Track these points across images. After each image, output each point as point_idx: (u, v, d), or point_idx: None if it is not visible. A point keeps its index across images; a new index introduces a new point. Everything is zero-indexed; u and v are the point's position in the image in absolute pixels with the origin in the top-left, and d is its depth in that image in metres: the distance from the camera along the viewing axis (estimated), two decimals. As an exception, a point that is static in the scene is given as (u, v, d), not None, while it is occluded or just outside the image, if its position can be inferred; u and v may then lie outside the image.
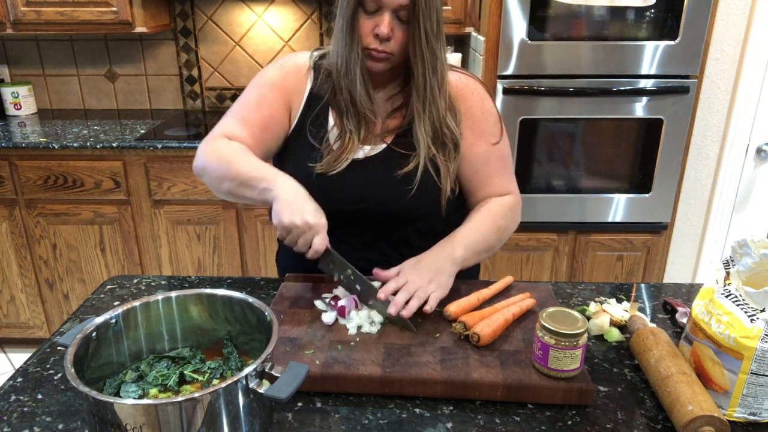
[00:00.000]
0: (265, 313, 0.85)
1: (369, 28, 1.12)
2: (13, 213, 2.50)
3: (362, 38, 1.13)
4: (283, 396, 0.72)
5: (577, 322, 0.91)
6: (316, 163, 1.21)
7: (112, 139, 2.45)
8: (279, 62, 1.28)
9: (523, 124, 2.29)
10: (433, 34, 1.13)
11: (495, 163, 1.28)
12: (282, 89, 1.25)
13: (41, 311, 2.68)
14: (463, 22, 2.47)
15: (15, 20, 2.51)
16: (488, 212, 1.26)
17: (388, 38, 1.11)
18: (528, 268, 2.52)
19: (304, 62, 1.27)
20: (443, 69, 1.18)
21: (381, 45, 1.12)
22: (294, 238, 1.08)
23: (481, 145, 1.25)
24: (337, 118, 1.23)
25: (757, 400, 0.86)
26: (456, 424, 0.87)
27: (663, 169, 2.35)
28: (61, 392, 0.95)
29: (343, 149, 1.21)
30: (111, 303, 1.21)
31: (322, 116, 1.25)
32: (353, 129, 1.22)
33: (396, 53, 1.14)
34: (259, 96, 1.25)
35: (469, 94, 1.25)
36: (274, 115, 1.24)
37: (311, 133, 1.24)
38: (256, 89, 1.26)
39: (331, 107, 1.24)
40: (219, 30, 2.87)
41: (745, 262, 0.89)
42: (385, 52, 1.13)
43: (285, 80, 1.25)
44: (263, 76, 1.27)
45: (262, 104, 1.24)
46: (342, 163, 1.20)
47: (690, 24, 2.16)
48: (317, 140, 1.23)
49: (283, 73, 1.26)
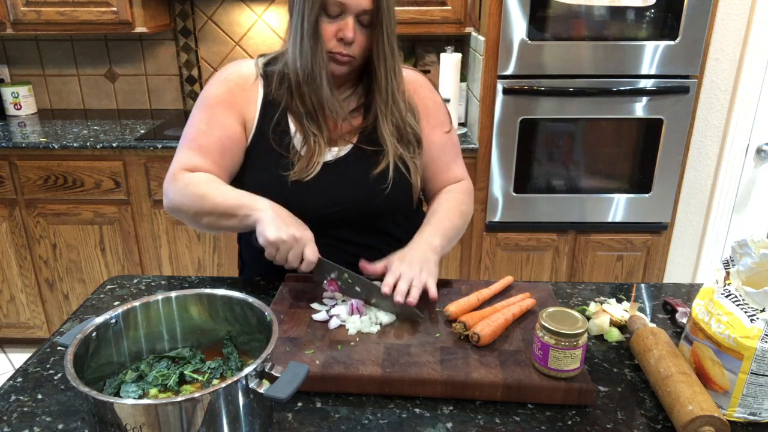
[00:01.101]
0: (265, 313, 0.85)
1: (331, 32, 1.13)
2: (13, 213, 2.51)
3: (325, 42, 1.14)
4: (283, 396, 0.72)
5: (577, 322, 0.91)
6: (288, 171, 1.20)
7: (112, 139, 2.45)
8: (222, 76, 1.25)
9: (523, 124, 2.29)
10: (393, 36, 1.17)
11: (450, 150, 1.35)
12: (231, 104, 1.22)
13: (41, 311, 2.68)
14: (463, 22, 2.47)
15: (15, 20, 2.51)
16: (451, 200, 1.32)
17: (351, 42, 1.14)
18: (528, 268, 2.52)
19: (251, 71, 1.25)
20: (400, 68, 1.23)
21: (345, 48, 1.14)
22: (283, 254, 1.08)
23: (436, 133, 1.32)
24: (298, 124, 1.23)
25: (757, 400, 0.86)
26: (456, 424, 0.87)
27: (663, 169, 2.35)
28: (61, 392, 0.95)
29: (312, 153, 1.21)
30: (111, 303, 1.21)
31: (283, 122, 1.23)
32: (316, 132, 1.22)
33: (358, 56, 1.17)
34: (209, 118, 1.22)
35: (419, 87, 1.31)
36: (229, 134, 1.22)
37: (275, 141, 1.22)
38: (204, 112, 1.23)
39: (289, 113, 1.23)
40: (219, 30, 2.87)
41: (745, 262, 0.89)
42: (348, 56, 1.15)
43: (232, 94, 1.23)
44: (207, 96, 1.24)
45: (214, 126, 1.21)
46: (314, 168, 1.21)
47: (690, 24, 2.16)
48: (283, 147, 1.22)
49: (228, 87, 1.24)
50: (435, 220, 1.27)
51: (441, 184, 1.35)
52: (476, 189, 2.40)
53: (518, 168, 2.35)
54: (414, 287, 1.09)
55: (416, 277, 1.11)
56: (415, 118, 1.28)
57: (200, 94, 1.26)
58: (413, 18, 2.44)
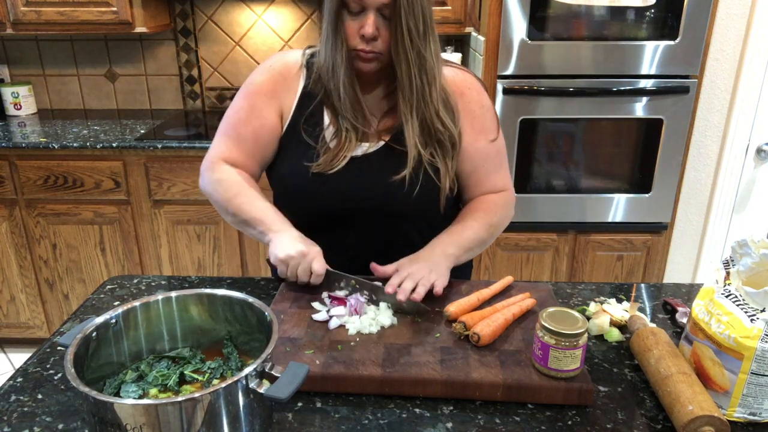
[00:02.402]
0: (265, 313, 0.85)
1: (354, 29, 1.11)
2: (13, 213, 2.51)
3: (348, 40, 1.12)
4: (283, 396, 0.72)
5: (577, 322, 0.91)
6: (312, 162, 1.21)
7: (112, 139, 2.45)
8: (268, 64, 1.27)
9: (523, 124, 2.29)
10: (418, 33, 1.10)
11: (494, 159, 1.29)
12: (272, 94, 1.24)
13: (41, 311, 2.68)
14: (463, 22, 2.47)
15: (15, 20, 2.51)
16: (481, 210, 1.27)
17: (374, 38, 1.10)
18: (528, 268, 2.52)
19: (296, 61, 1.26)
20: (433, 67, 1.16)
21: (368, 45, 1.11)
22: (293, 270, 1.13)
23: (481, 141, 1.26)
24: (333, 117, 1.23)
25: (757, 400, 0.86)
26: (456, 424, 0.87)
27: (663, 169, 2.35)
28: (61, 392, 0.95)
29: (340, 147, 1.21)
30: (111, 303, 1.21)
31: (318, 114, 1.24)
32: (349, 127, 1.21)
33: (385, 52, 1.13)
34: (250, 107, 1.25)
35: (466, 89, 1.25)
36: (265, 124, 1.24)
37: (306, 131, 1.23)
38: (245, 100, 1.26)
39: (325, 105, 1.24)
40: (219, 30, 2.87)
41: (745, 262, 0.89)
42: (373, 52, 1.12)
43: (275, 84, 1.24)
44: (252, 82, 1.26)
45: (252, 116, 1.24)
46: (340, 162, 1.20)
47: (690, 24, 2.16)
48: (312, 138, 1.23)
49: (271, 76, 1.25)
50: (457, 229, 1.24)
51: (480, 194, 1.31)
52: (476, 189, 2.40)
53: (518, 168, 2.35)
54: (420, 285, 1.09)
55: (425, 276, 1.11)
56: (454, 120, 1.22)
57: (246, 80, 1.28)
58: (413, 18, 2.44)
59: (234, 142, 1.26)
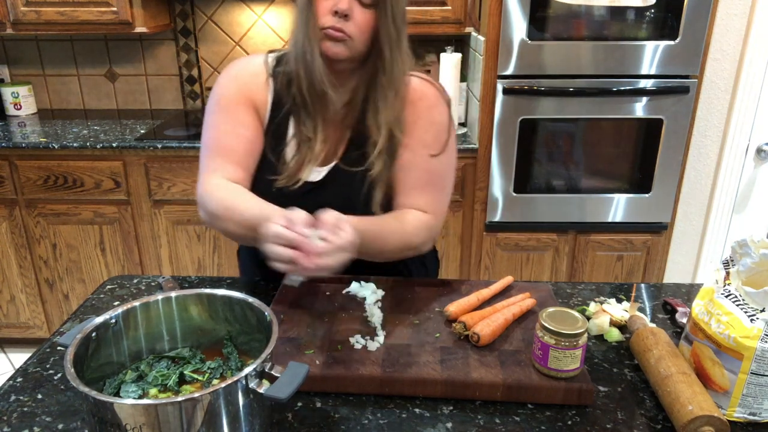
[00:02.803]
0: (265, 313, 0.85)
1: (327, 7, 1.07)
2: (13, 213, 2.50)
3: (319, 18, 1.07)
4: (283, 396, 0.72)
5: (577, 322, 0.91)
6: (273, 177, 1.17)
7: (112, 139, 2.45)
8: (232, 74, 1.21)
9: (523, 124, 2.29)
10: (401, 20, 1.10)
11: (421, 174, 1.19)
12: (246, 101, 1.18)
13: (41, 311, 2.68)
14: (463, 22, 2.47)
15: (15, 20, 2.51)
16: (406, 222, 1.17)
17: (346, 16, 1.06)
18: (528, 268, 2.52)
19: (261, 70, 1.20)
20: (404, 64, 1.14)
21: (339, 23, 1.06)
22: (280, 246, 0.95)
23: (407, 153, 1.18)
24: (296, 127, 1.18)
25: (756, 400, 0.86)
26: (456, 424, 0.87)
27: (663, 169, 2.35)
28: (61, 392, 0.95)
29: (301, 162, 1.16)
30: (111, 303, 1.21)
31: (283, 126, 1.19)
32: (310, 136, 1.17)
33: (355, 38, 1.08)
34: (231, 117, 1.18)
35: (419, 100, 1.19)
36: (251, 132, 1.18)
37: (271, 147, 1.19)
38: (221, 113, 1.18)
39: (292, 115, 1.19)
40: (219, 30, 2.87)
41: (745, 262, 0.89)
42: (342, 32, 1.07)
43: (245, 92, 1.19)
44: (222, 95, 1.19)
45: (237, 124, 1.17)
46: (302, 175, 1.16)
47: (690, 24, 2.16)
48: (275, 154, 1.19)
49: (239, 85, 1.19)
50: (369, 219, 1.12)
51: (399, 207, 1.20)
52: (476, 189, 2.41)
53: (518, 168, 2.35)
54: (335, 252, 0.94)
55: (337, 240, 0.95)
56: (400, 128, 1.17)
57: (211, 97, 1.21)
58: (413, 18, 2.44)
59: (222, 155, 1.16)
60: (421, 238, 1.19)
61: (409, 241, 1.17)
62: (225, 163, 1.16)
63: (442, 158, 1.20)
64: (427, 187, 1.20)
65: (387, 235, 1.14)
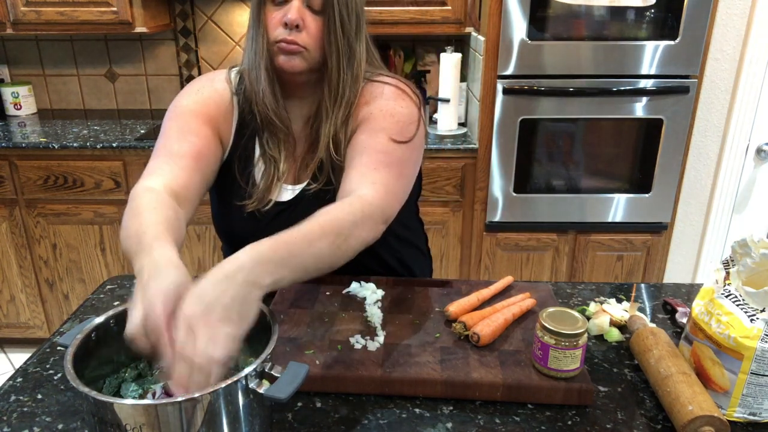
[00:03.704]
0: (265, 313, 0.85)
1: (277, 18, 1.02)
2: (13, 213, 2.51)
3: (270, 31, 1.03)
4: (283, 396, 0.72)
5: (577, 322, 0.91)
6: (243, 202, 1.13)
7: (112, 139, 2.45)
8: (194, 88, 1.15)
9: (523, 124, 2.29)
10: (350, 27, 1.05)
11: (371, 155, 1.05)
12: (205, 116, 1.11)
13: (41, 311, 2.69)
14: (463, 22, 2.47)
15: (15, 20, 2.51)
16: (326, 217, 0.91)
17: (297, 26, 1.01)
18: (528, 268, 2.52)
19: (224, 88, 1.15)
20: (359, 70, 1.08)
21: (290, 35, 1.01)
22: None
23: (363, 135, 1.08)
24: (261, 146, 1.14)
25: (756, 400, 0.86)
26: (456, 424, 0.87)
27: (663, 169, 2.35)
28: (61, 392, 0.95)
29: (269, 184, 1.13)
30: (111, 303, 1.21)
31: (249, 148, 1.15)
32: (275, 155, 1.13)
33: (310, 48, 1.04)
34: (181, 127, 1.09)
35: (372, 99, 1.11)
36: (203, 142, 1.09)
37: (239, 170, 1.15)
38: (175, 122, 1.10)
39: (257, 136, 1.14)
40: (219, 30, 2.87)
41: (745, 262, 0.89)
42: (296, 43, 1.02)
43: (206, 107, 1.12)
44: (178, 106, 1.12)
45: (186, 132, 1.08)
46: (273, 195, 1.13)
47: (690, 24, 2.16)
48: (243, 178, 1.15)
49: (201, 99, 1.13)
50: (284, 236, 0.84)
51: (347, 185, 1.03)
52: (476, 189, 2.41)
53: (518, 168, 2.35)
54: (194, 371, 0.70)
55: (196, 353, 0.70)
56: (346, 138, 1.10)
57: (170, 107, 1.14)
58: (413, 18, 2.44)
59: (169, 159, 1.05)
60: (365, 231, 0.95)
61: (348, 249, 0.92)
62: (168, 167, 1.04)
63: (405, 148, 1.08)
64: (381, 168, 1.04)
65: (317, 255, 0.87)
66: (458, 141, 2.42)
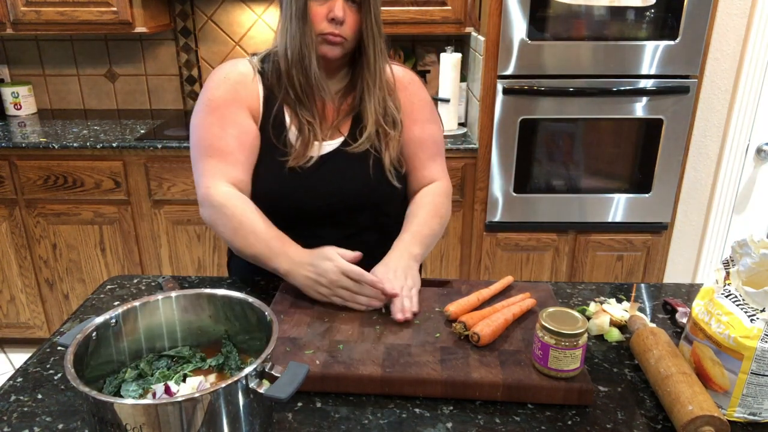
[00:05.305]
0: (265, 313, 0.85)
1: (322, 14, 1.16)
2: (13, 213, 2.50)
3: (316, 25, 1.17)
4: (283, 396, 0.72)
5: (577, 322, 0.91)
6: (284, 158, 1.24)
7: (112, 139, 2.45)
8: (221, 76, 1.26)
9: (523, 124, 2.29)
10: (379, 17, 1.22)
11: (430, 147, 1.35)
12: (238, 101, 1.24)
13: (41, 311, 2.68)
14: (463, 22, 2.47)
15: (15, 20, 2.51)
16: (430, 204, 1.31)
17: (342, 22, 1.16)
18: (528, 268, 2.52)
19: (248, 69, 1.27)
20: (385, 51, 1.27)
21: (336, 29, 1.17)
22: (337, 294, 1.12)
23: (416, 129, 1.32)
24: (293, 116, 1.26)
25: (756, 400, 0.86)
26: (456, 424, 0.87)
27: (663, 169, 2.35)
28: (61, 392, 0.95)
29: (306, 143, 1.24)
30: (111, 303, 1.21)
31: (280, 116, 1.26)
32: (310, 119, 1.25)
33: (349, 38, 1.19)
34: (220, 119, 1.22)
35: (409, 83, 1.34)
36: (244, 130, 1.23)
37: (274, 135, 1.25)
38: (212, 115, 1.23)
39: (285, 106, 1.26)
40: (219, 30, 2.87)
41: (745, 262, 0.89)
42: (340, 36, 1.17)
43: (237, 92, 1.24)
44: (212, 98, 1.24)
45: (227, 125, 1.22)
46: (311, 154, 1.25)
47: (690, 24, 2.16)
48: (281, 142, 1.25)
49: (230, 85, 1.24)
50: (414, 227, 1.27)
51: (418, 182, 1.35)
52: (476, 189, 2.41)
53: (518, 168, 2.35)
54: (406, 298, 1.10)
55: (405, 286, 1.12)
56: (396, 105, 1.30)
57: (200, 99, 1.25)
58: (413, 18, 2.44)
59: (219, 159, 1.21)
60: (449, 207, 1.36)
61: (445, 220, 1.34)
62: (223, 165, 1.21)
63: (438, 129, 1.38)
64: (437, 157, 1.37)
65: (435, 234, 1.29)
66: (458, 141, 2.42)
